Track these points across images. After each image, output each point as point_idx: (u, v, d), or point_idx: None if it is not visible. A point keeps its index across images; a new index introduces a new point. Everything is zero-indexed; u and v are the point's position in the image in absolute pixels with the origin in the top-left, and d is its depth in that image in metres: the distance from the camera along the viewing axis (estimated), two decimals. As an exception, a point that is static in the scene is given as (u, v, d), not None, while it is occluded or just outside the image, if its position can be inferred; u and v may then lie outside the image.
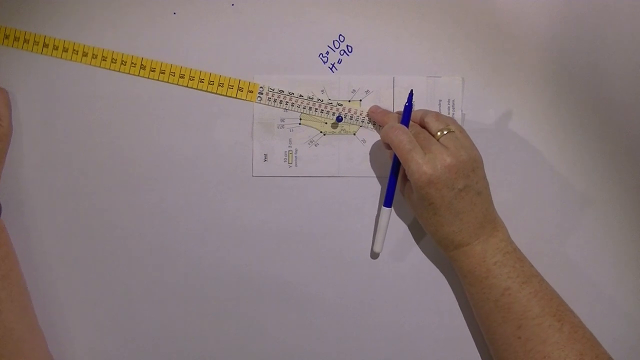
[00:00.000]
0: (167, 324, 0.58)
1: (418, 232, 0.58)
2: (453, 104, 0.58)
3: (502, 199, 0.58)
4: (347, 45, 0.58)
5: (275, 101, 0.58)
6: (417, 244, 0.58)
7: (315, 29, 0.58)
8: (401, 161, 0.52)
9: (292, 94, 0.58)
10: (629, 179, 0.57)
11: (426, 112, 0.54)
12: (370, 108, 0.57)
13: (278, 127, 0.58)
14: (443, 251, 0.54)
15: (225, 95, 0.58)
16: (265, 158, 0.58)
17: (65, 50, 0.58)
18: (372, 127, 0.58)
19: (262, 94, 0.58)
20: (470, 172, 0.52)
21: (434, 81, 0.58)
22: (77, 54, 0.58)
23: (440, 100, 0.58)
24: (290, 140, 0.58)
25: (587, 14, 0.57)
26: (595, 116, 0.57)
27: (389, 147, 0.54)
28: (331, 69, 0.58)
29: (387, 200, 0.56)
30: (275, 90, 0.58)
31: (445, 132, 0.52)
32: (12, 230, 0.57)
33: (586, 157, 0.57)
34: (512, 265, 0.52)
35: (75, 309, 0.58)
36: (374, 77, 0.58)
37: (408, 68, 0.58)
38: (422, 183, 0.51)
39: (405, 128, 0.53)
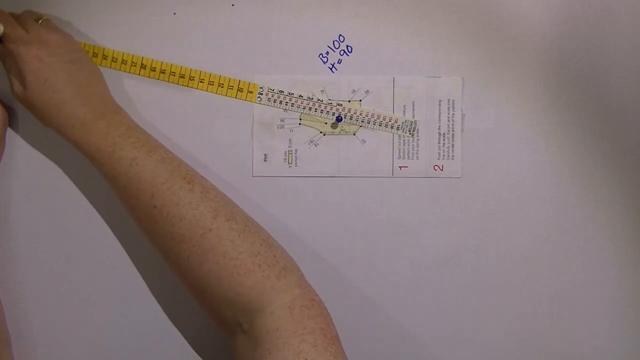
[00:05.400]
0: (167, 324, 0.58)
1: (419, 232, 0.58)
2: (453, 104, 0.58)
3: (502, 199, 0.58)
4: (347, 46, 0.58)
5: (275, 101, 0.58)
6: (418, 243, 0.58)
7: (315, 29, 0.58)
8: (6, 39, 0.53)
9: (292, 94, 0.58)
10: (629, 178, 0.57)
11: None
12: None
13: (278, 127, 0.58)
14: (67, 138, 0.53)
15: (225, 96, 0.58)
16: (265, 158, 0.58)
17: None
18: (372, 127, 0.58)
19: (262, 94, 0.58)
20: (78, 50, 0.55)
21: (433, 81, 0.58)
22: (77, 53, 0.58)
23: (440, 101, 0.58)
24: (290, 140, 0.58)
25: (587, 14, 0.57)
26: (595, 116, 0.57)
27: None
28: (331, 69, 0.58)
29: None
30: (275, 91, 0.58)
31: (40, 21, 0.55)
32: (11, 229, 0.58)
33: (586, 157, 0.57)
34: (137, 137, 0.53)
35: (75, 308, 0.58)
36: (373, 77, 0.58)
37: (408, 68, 0.58)
38: (34, 55, 0.51)
39: None
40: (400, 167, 0.58)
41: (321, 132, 0.58)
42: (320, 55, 0.58)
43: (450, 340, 0.58)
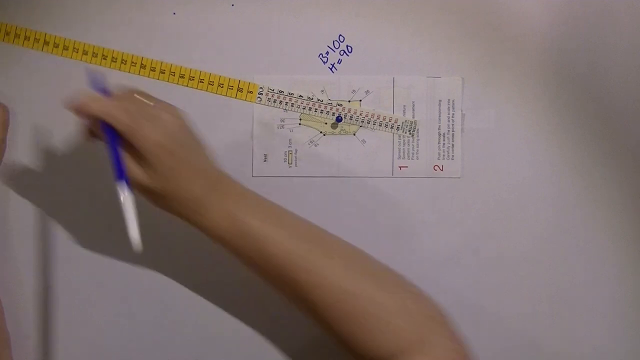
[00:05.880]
0: (167, 324, 0.58)
1: (419, 232, 0.58)
2: (453, 104, 0.58)
3: (502, 198, 0.58)
4: (347, 46, 0.58)
5: (275, 101, 0.58)
6: (418, 243, 0.58)
7: (315, 29, 0.58)
8: (125, 130, 0.46)
9: (292, 94, 0.58)
10: (629, 178, 0.57)
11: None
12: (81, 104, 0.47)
13: (278, 127, 0.58)
14: (192, 223, 0.49)
15: (225, 96, 0.58)
16: (265, 158, 0.58)
17: (65, 48, 0.58)
18: (372, 127, 0.58)
19: (262, 94, 0.58)
20: (189, 128, 0.49)
21: (433, 81, 0.58)
22: (77, 52, 0.58)
23: (440, 101, 0.58)
24: (290, 140, 0.58)
25: (587, 14, 0.57)
26: (595, 116, 0.57)
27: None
28: (331, 69, 0.58)
29: (120, 173, 0.47)
30: (275, 91, 0.58)
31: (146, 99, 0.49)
32: (11, 229, 0.58)
33: (586, 157, 0.57)
34: (260, 206, 0.50)
35: (75, 308, 0.58)
36: (373, 77, 0.58)
37: (408, 68, 0.58)
38: (155, 141, 0.46)
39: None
40: (400, 167, 0.58)
41: (321, 132, 0.58)
42: (320, 55, 0.58)
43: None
